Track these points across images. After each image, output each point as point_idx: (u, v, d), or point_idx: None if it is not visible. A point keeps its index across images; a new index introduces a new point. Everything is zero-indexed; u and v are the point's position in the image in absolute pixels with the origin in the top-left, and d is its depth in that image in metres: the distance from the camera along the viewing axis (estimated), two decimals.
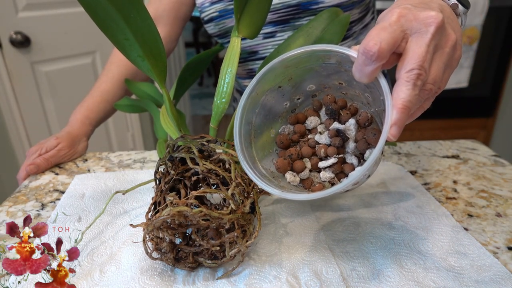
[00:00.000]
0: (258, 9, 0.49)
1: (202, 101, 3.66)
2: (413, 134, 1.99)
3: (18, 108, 1.36)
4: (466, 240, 0.46)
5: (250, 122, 0.40)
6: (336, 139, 0.39)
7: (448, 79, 0.34)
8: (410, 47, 0.31)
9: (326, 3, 0.63)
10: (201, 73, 0.71)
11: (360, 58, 0.31)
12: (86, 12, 0.41)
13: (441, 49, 0.32)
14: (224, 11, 0.68)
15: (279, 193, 0.34)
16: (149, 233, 0.39)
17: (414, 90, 0.30)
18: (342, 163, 0.40)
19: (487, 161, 0.66)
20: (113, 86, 0.74)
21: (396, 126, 0.30)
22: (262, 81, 0.38)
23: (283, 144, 0.42)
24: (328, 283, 0.39)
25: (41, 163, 0.64)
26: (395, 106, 0.30)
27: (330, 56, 0.36)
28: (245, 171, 0.36)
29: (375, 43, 0.30)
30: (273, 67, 0.37)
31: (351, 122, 0.39)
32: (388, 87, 0.31)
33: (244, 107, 0.38)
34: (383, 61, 0.31)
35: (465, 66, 1.78)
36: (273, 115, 0.44)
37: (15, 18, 1.28)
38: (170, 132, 0.52)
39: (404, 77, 0.31)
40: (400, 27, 0.31)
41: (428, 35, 0.31)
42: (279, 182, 0.39)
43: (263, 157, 0.41)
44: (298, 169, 0.40)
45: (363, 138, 0.38)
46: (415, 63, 0.30)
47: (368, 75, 0.31)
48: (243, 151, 0.38)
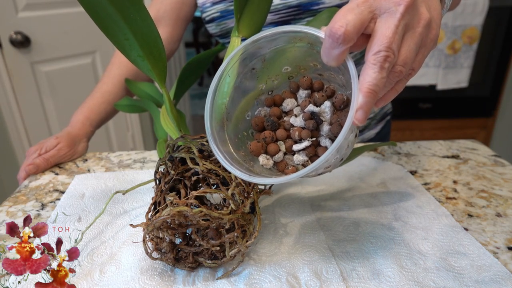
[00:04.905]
0: (258, 9, 0.49)
1: (202, 101, 3.66)
2: (413, 134, 1.99)
3: (18, 108, 1.36)
4: (466, 240, 0.46)
5: (223, 104, 0.40)
6: (310, 122, 0.38)
7: (423, 59, 0.33)
8: (378, 28, 0.30)
9: (327, 4, 0.63)
10: (201, 73, 0.71)
11: (327, 41, 0.30)
12: (86, 12, 0.41)
13: (412, 29, 0.31)
14: (226, 11, 0.68)
15: (246, 177, 0.34)
16: (149, 233, 0.39)
17: (381, 73, 0.29)
18: (316, 146, 0.39)
19: (487, 161, 0.66)
20: (114, 87, 0.74)
21: (361, 110, 0.29)
22: (235, 64, 0.38)
23: (258, 127, 0.42)
24: (328, 283, 0.39)
25: (40, 163, 0.64)
26: (361, 89, 0.29)
27: (301, 38, 0.36)
28: (214, 153, 0.36)
29: (341, 25, 0.29)
30: (245, 48, 0.37)
31: (327, 105, 0.38)
32: (355, 70, 0.31)
33: (215, 90, 0.38)
34: (350, 43, 0.30)
35: (465, 66, 1.78)
36: (248, 98, 0.43)
37: (15, 18, 1.28)
38: (170, 132, 0.52)
39: (371, 59, 0.30)
40: (369, 7, 0.30)
41: (397, 15, 0.29)
42: (251, 166, 0.39)
43: (236, 139, 0.41)
44: (272, 152, 0.40)
45: (337, 121, 0.37)
46: (382, 44, 0.29)
47: (335, 58, 0.31)
48: (213, 134, 0.37)
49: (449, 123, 1.99)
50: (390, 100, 0.34)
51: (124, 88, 0.75)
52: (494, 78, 1.88)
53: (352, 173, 0.62)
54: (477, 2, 1.66)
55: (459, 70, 1.79)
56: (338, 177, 0.61)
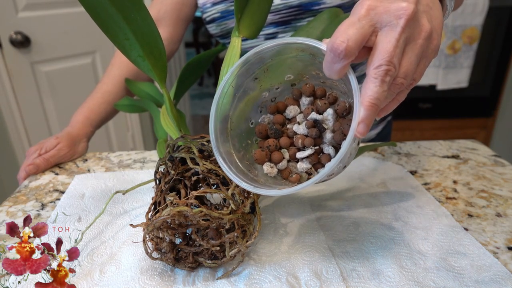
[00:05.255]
0: (259, 9, 0.49)
1: (202, 101, 3.66)
2: (413, 134, 1.99)
3: (18, 108, 1.36)
4: (466, 240, 0.46)
5: (227, 115, 0.40)
6: (313, 130, 0.39)
7: (424, 70, 0.33)
8: (379, 42, 0.30)
9: (328, 4, 0.63)
10: (201, 74, 0.70)
11: (328, 55, 0.30)
12: (87, 12, 0.41)
13: (414, 41, 0.31)
14: (226, 12, 0.68)
15: (252, 188, 0.35)
16: (149, 233, 0.39)
17: (382, 87, 0.30)
18: (320, 153, 0.39)
19: (487, 161, 0.66)
20: (114, 87, 0.74)
21: (363, 124, 0.30)
22: (238, 74, 0.39)
23: (262, 135, 0.42)
24: (328, 283, 0.39)
25: (40, 163, 0.64)
26: (362, 103, 0.30)
27: (303, 49, 0.36)
28: (220, 167, 0.37)
29: (342, 41, 0.29)
30: (248, 59, 0.37)
31: (329, 112, 0.38)
32: (357, 83, 0.31)
33: (218, 102, 0.38)
34: (351, 58, 0.30)
35: (465, 66, 1.78)
36: (251, 107, 0.43)
37: (15, 18, 1.28)
38: (170, 132, 0.52)
39: (372, 73, 0.30)
40: (370, 21, 0.30)
41: (398, 28, 0.30)
42: (255, 175, 0.39)
43: (240, 148, 0.41)
44: (276, 160, 0.40)
45: (339, 129, 0.38)
46: (383, 58, 0.29)
47: (337, 72, 0.31)
48: (218, 146, 0.38)
49: (449, 123, 1.99)
50: (391, 110, 0.35)
51: (124, 88, 0.75)
52: (494, 78, 1.88)
53: (352, 173, 0.62)
54: (477, 2, 1.66)
55: (459, 70, 1.79)
56: (338, 177, 0.61)
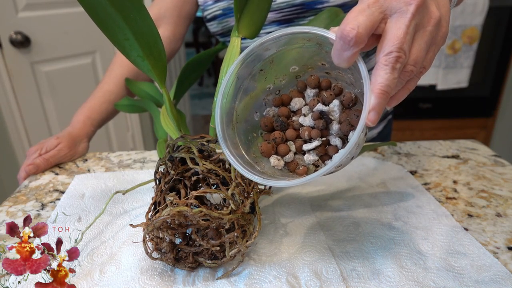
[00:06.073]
0: (258, 9, 0.49)
1: (202, 101, 3.66)
2: (413, 134, 1.99)
3: (18, 108, 1.36)
4: (466, 240, 0.46)
5: (232, 107, 0.40)
6: (319, 122, 0.38)
7: (434, 57, 0.33)
8: (389, 28, 0.30)
9: (331, 3, 0.63)
10: (201, 73, 0.70)
11: (338, 43, 0.30)
12: (86, 12, 0.41)
13: (423, 28, 0.31)
14: (228, 9, 0.68)
15: (261, 180, 0.34)
16: (149, 233, 0.39)
17: (393, 74, 0.29)
18: (326, 145, 0.39)
19: (487, 161, 0.66)
20: (115, 87, 0.74)
21: (374, 112, 0.30)
22: (242, 66, 0.38)
23: (267, 127, 0.42)
24: (328, 283, 0.39)
25: (40, 163, 0.64)
26: (373, 91, 0.30)
27: (310, 38, 0.36)
28: (228, 160, 0.36)
29: (353, 28, 0.29)
30: (253, 51, 0.37)
31: (335, 103, 0.38)
32: (367, 71, 0.31)
33: (224, 94, 0.38)
34: (361, 45, 0.30)
35: (465, 66, 1.78)
36: (256, 99, 0.43)
37: (15, 18, 1.28)
38: (170, 132, 0.52)
39: (382, 60, 0.30)
40: (379, 8, 0.30)
41: (408, 15, 0.30)
42: (262, 167, 0.39)
43: (246, 141, 0.41)
44: (283, 153, 0.40)
45: (346, 120, 0.38)
46: (394, 45, 0.29)
47: (347, 60, 0.31)
48: (225, 138, 0.37)
49: (449, 123, 1.99)
50: (402, 99, 0.34)
51: (125, 88, 0.75)
52: (494, 78, 1.88)
53: (352, 173, 0.62)
54: (477, 2, 1.66)
55: (459, 70, 1.79)
56: (338, 177, 0.61)
